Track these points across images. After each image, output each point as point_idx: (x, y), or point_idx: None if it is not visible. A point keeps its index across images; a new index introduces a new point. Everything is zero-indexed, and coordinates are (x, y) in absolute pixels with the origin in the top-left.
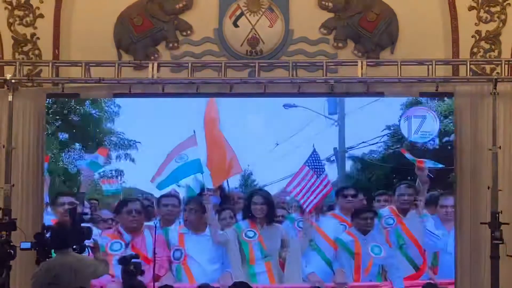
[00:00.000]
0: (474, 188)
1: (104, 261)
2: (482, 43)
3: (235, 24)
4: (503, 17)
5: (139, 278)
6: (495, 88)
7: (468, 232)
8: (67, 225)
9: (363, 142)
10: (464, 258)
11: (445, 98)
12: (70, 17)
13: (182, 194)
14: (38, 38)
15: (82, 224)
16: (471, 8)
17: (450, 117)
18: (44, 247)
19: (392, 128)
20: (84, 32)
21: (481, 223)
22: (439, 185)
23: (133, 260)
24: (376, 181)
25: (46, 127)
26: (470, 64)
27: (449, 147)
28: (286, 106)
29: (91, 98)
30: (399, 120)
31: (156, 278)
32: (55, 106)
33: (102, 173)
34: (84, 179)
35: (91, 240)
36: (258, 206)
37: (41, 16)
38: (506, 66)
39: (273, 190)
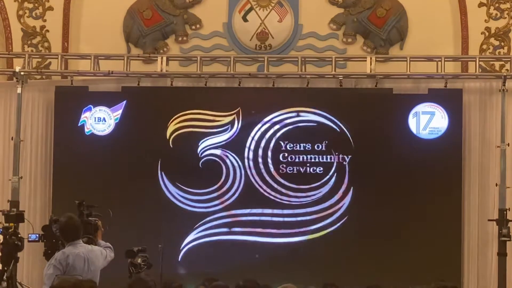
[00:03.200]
0: (482, 185)
1: (109, 247)
2: (492, 40)
3: (244, 19)
4: None
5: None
6: (504, 85)
7: (475, 229)
8: (76, 218)
9: None
10: (471, 255)
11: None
12: (80, 10)
13: None
14: (47, 30)
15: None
16: (481, 4)
17: (458, 114)
18: (52, 239)
19: None
20: (93, 25)
21: (489, 220)
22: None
23: (140, 253)
24: None
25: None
26: (479, 61)
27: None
28: None
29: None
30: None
31: None
32: None
33: None
34: None
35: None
36: None
37: (51, 8)
38: None
39: None
